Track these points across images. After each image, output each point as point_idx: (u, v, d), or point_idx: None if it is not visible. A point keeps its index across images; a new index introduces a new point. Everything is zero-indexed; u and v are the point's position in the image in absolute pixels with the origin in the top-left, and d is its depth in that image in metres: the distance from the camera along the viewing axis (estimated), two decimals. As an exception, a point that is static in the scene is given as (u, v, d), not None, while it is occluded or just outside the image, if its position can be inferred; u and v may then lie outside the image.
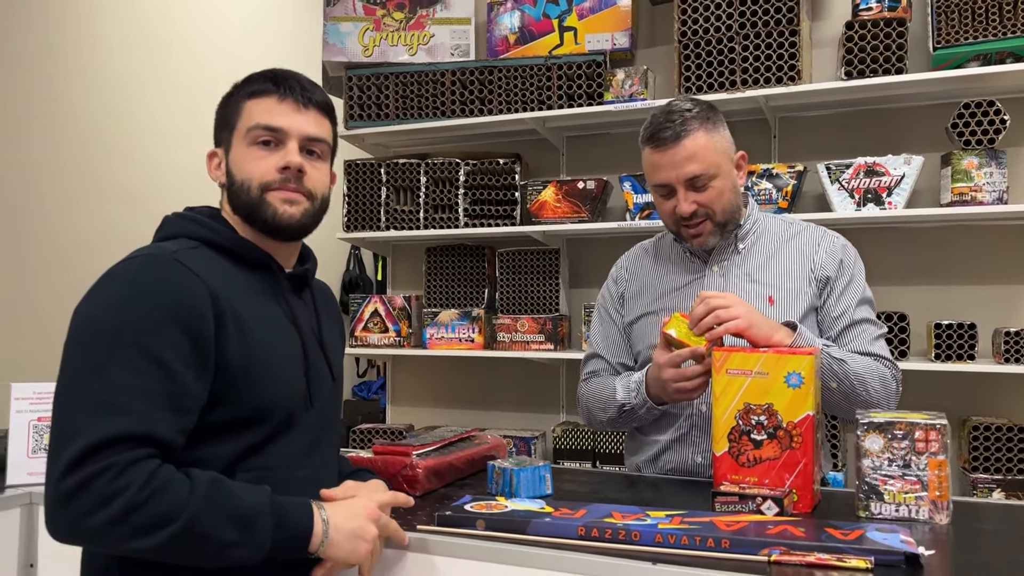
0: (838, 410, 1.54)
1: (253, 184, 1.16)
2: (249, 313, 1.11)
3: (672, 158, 1.56)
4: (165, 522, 0.95)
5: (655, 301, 1.69)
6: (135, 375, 0.99)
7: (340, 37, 3.06)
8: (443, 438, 1.53)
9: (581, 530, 1.13)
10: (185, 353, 1.02)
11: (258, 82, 1.20)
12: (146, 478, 0.96)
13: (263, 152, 1.17)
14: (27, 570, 1.45)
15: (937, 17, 2.37)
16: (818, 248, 1.63)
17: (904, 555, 1.01)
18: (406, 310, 3.03)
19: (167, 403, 1.00)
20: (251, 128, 1.17)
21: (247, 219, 1.18)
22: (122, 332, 1.00)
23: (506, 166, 2.89)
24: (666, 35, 2.84)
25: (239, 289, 1.12)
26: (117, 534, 0.95)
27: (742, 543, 1.06)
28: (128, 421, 0.97)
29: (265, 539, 1.01)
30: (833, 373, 1.48)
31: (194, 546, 0.98)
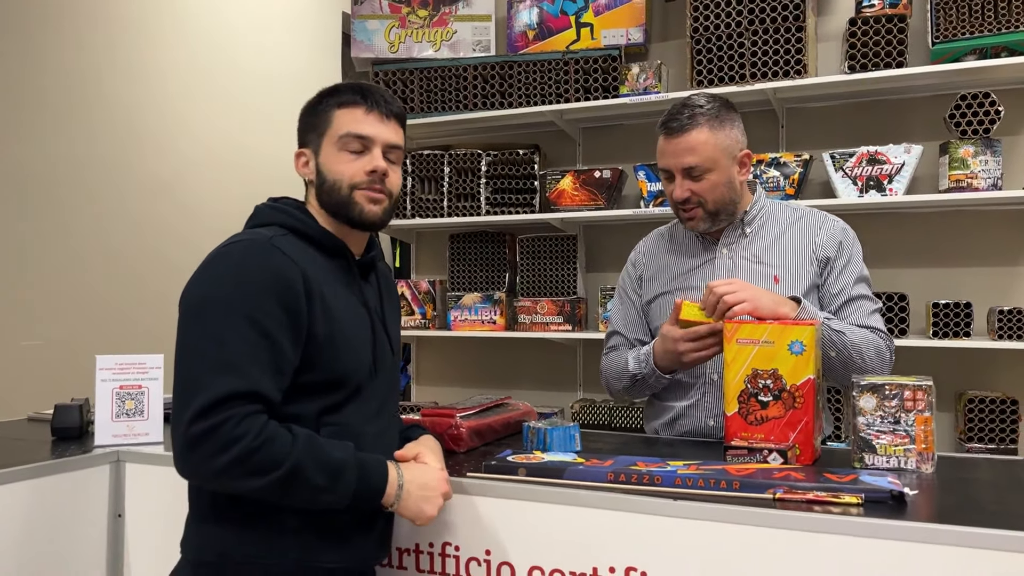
0: (836, 377, 1.70)
1: (343, 184, 1.32)
2: (330, 293, 1.27)
3: (675, 147, 1.74)
4: (274, 467, 1.14)
5: (670, 281, 1.86)
6: (246, 343, 1.17)
7: (367, 34, 3.21)
8: (481, 403, 1.69)
9: (611, 475, 1.29)
10: (283, 324, 1.19)
11: (347, 94, 1.36)
12: (259, 429, 1.14)
13: (352, 157, 1.33)
14: (115, 520, 1.62)
15: (936, 13, 2.50)
16: (819, 231, 1.79)
17: (891, 493, 1.17)
18: (431, 293, 3.20)
19: (271, 367, 1.18)
20: (343, 135, 1.33)
21: (335, 214, 1.35)
22: (233, 306, 1.18)
23: (525, 156, 3.04)
24: (678, 30, 2.98)
25: (322, 272, 1.29)
26: (234, 474, 1.13)
27: (751, 485, 1.23)
28: (244, 380, 1.15)
29: (349, 488, 1.19)
30: (832, 343, 1.64)
31: (293, 489, 1.16)
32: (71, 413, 1.76)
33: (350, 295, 1.33)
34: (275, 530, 1.22)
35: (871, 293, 1.78)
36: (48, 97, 3.13)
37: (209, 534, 1.24)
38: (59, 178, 3.17)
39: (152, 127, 3.57)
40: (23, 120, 3.04)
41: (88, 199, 3.28)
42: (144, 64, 3.54)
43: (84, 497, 1.59)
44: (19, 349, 3.03)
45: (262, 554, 1.22)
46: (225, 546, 1.23)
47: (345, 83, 1.39)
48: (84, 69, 3.27)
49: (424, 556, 1.35)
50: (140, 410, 1.67)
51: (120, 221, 3.41)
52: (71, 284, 3.20)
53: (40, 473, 1.53)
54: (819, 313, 1.65)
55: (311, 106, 1.38)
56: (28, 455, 1.60)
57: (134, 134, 3.49)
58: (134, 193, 3.47)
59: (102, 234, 3.33)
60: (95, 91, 3.32)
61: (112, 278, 3.36)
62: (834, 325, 1.66)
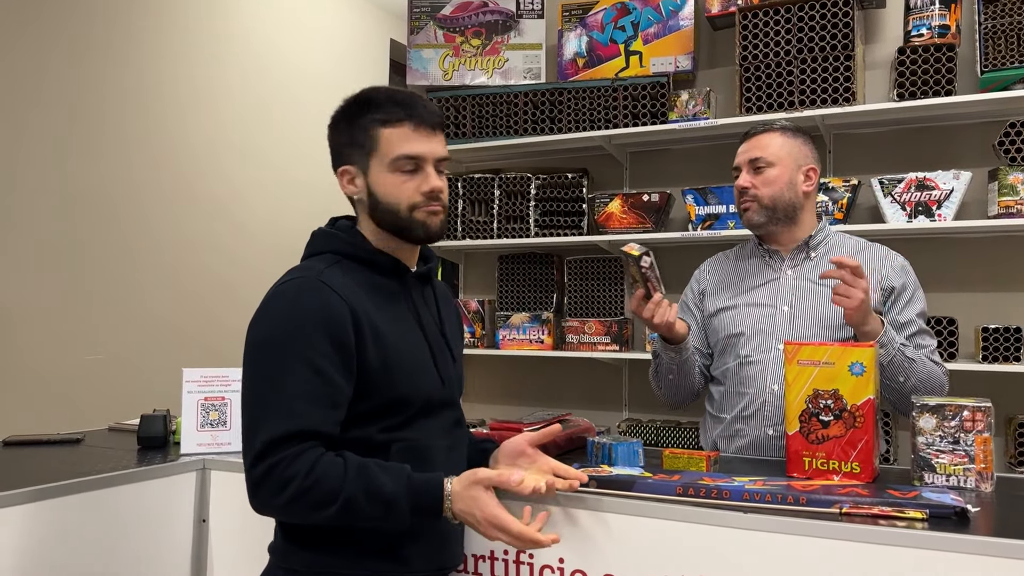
0: (898, 402, 1.78)
1: (402, 207, 1.34)
2: (382, 320, 1.31)
3: (747, 147, 1.96)
4: (329, 502, 1.20)
5: (734, 297, 1.95)
6: (300, 382, 1.22)
7: (423, 62, 3.33)
8: (545, 419, 1.76)
9: (679, 489, 1.35)
10: (335, 360, 1.25)
11: (388, 109, 1.33)
12: (309, 467, 1.20)
13: (406, 177, 1.33)
14: (200, 524, 1.71)
15: (985, 43, 2.55)
16: (884, 261, 1.89)
17: (954, 509, 1.22)
18: (480, 313, 3.28)
19: (325, 402, 1.24)
20: (396, 158, 1.32)
21: (396, 234, 1.38)
22: (287, 347, 1.24)
23: (574, 180, 3.12)
24: (727, 58, 3.05)
25: (373, 297, 1.33)
26: (296, 510, 1.22)
27: (817, 500, 1.28)
28: (297, 420, 1.21)
29: (404, 518, 1.24)
30: (903, 370, 1.72)
31: (353, 517, 1.22)
32: (156, 423, 1.86)
33: (403, 318, 1.37)
34: (354, 543, 1.28)
35: (928, 331, 1.86)
36: (112, 122, 3.27)
37: (297, 546, 1.30)
38: (121, 200, 3.31)
39: (210, 152, 3.72)
40: (87, 144, 3.19)
41: (148, 220, 3.42)
42: (202, 91, 3.69)
43: (171, 502, 1.68)
44: (83, 363, 3.16)
45: (344, 566, 1.28)
46: (309, 557, 1.29)
47: (380, 91, 1.37)
48: (146, 94, 3.42)
49: (499, 563, 1.42)
50: (223, 420, 1.77)
51: (178, 241, 3.55)
52: (128, 301, 3.33)
53: (132, 479, 1.62)
54: (896, 339, 1.70)
55: (348, 118, 1.37)
56: (118, 462, 1.70)
57: (194, 159, 3.64)
58: (193, 214, 3.61)
59: (161, 254, 3.47)
60: (158, 119, 3.47)
61: (170, 296, 3.49)
62: (908, 353, 1.74)
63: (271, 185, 4.01)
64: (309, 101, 4.23)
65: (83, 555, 1.53)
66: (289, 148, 4.11)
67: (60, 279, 3.09)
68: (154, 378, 3.05)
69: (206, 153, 3.69)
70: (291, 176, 4.10)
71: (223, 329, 3.71)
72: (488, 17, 3.29)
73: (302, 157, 4.15)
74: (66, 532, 1.50)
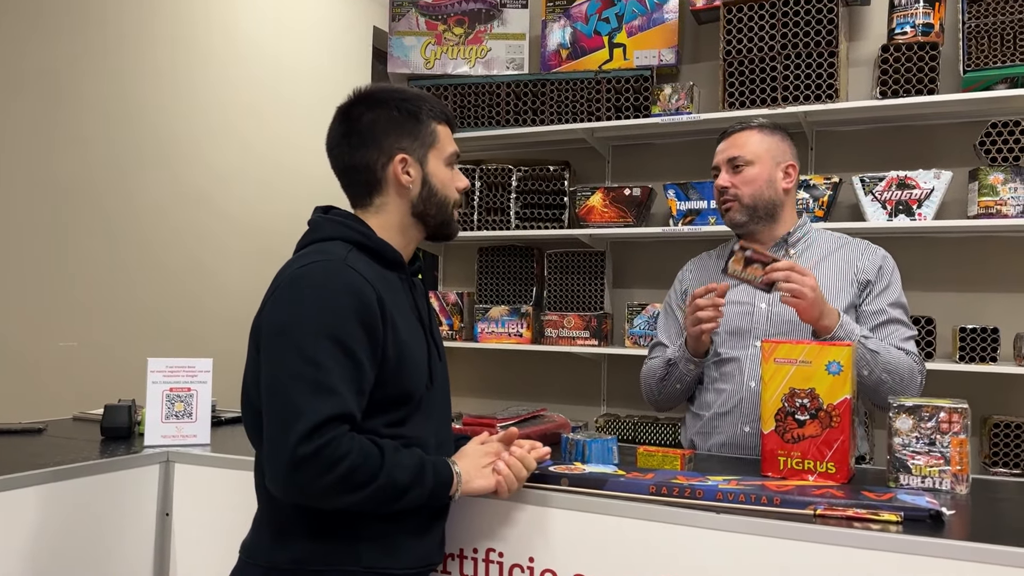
0: (867, 396, 1.76)
1: (451, 201, 1.42)
2: (396, 311, 1.30)
3: (725, 146, 1.94)
4: (372, 479, 1.19)
5: None
6: (337, 364, 1.20)
7: (404, 51, 3.28)
8: (519, 415, 1.73)
9: (652, 488, 1.33)
10: (364, 345, 1.23)
11: (437, 108, 1.41)
12: (359, 446, 1.19)
13: (454, 173, 1.43)
14: (163, 518, 1.67)
15: (968, 42, 2.54)
16: (862, 256, 1.87)
17: (929, 512, 1.20)
18: (459, 305, 3.25)
19: (356, 386, 1.22)
20: (451, 154, 1.42)
21: (435, 227, 1.42)
22: (322, 328, 1.21)
23: (556, 173, 3.09)
24: (711, 52, 3.03)
25: (388, 289, 1.32)
26: (340, 490, 1.18)
27: (791, 501, 1.26)
28: (340, 402, 1.19)
29: (428, 483, 1.24)
30: (866, 362, 1.69)
31: (387, 494, 1.21)
32: (121, 413, 1.82)
33: (408, 311, 1.37)
34: (350, 539, 1.26)
35: (908, 320, 1.83)
36: (90, 105, 3.21)
37: (287, 542, 1.27)
38: (100, 184, 3.25)
39: (192, 138, 3.65)
40: (65, 126, 3.12)
41: (128, 205, 3.36)
42: (185, 77, 3.62)
43: (134, 495, 1.64)
44: (56, 350, 3.10)
45: (338, 561, 1.26)
46: (302, 553, 1.26)
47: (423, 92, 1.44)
48: (128, 80, 3.36)
49: (468, 561, 1.39)
50: (189, 412, 1.72)
51: (159, 227, 3.49)
52: (108, 288, 3.27)
53: (93, 471, 1.58)
54: (857, 329, 1.69)
55: (408, 110, 1.38)
56: (80, 453, 1.66)
57: (175, 144, 3.57)
58: (174, 202, 3.55)
59: (141, 240, 3.40)
60: (138, 102, 3.40)
61: (149, 283, 3.43)
62: (869, 344, 1.71)
63: (254, 173, 3.95)
64: (292, 89, 4.17)
65: (40, 549, 1.49)
66: (272, 136, 4.06)
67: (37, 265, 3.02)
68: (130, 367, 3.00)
69: (189, 140, 3.63)
70: (275, 164, 4.04)
71: (204, 318, 3.65)
72: (471, 6, 3.25)
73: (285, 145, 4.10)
74: (23, 525, 1.46)
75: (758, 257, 1.74)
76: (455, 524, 1.39)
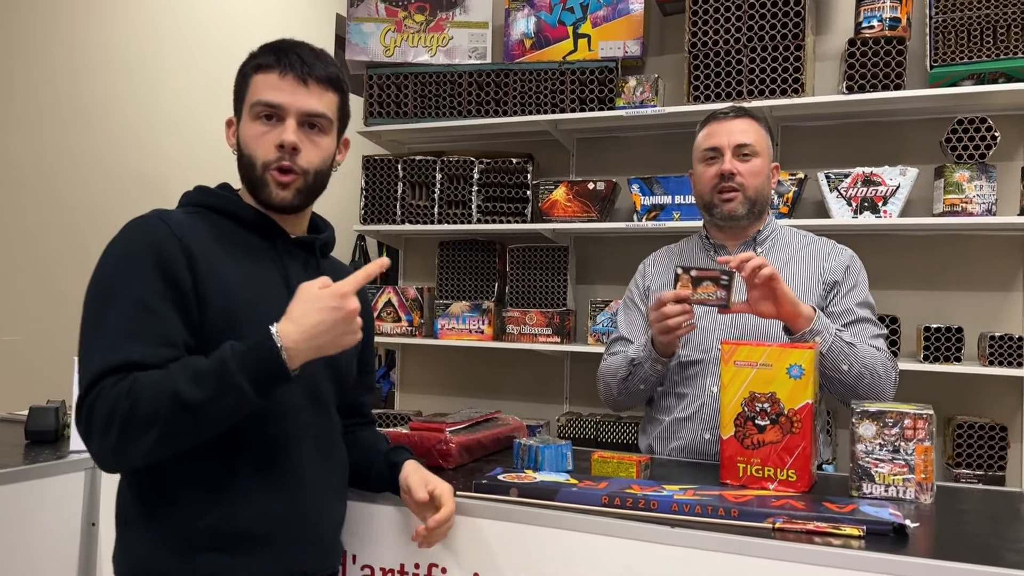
0: (843, 392, 1.66)
1: (257, 163, 1.25)
2: (235, 271, 1.20)
3: (729, 127, 1.81)
4: (158, 409, 1.05)
5: None
6: (122, 318, 1.10)
7: (363, 37, 3.18)
8: (471, 418, 1.66)
9: (604, 499, 1.26)
10: (165, 295, 1.13)
11: (264, 55, 1.27)
12: (127, 388, 1.06)
13: (265, 127, 1.25)
14: (89, 528, 1.57)
15: (935, 37, 2.50)
16: (828, 256, 1.81)
17: (893, 526, 1.14)
18: (419, 301, 3.16)
19: (154, 338, 1.11)
20: (254, 104, 1.25)
21: (250, 191, 1.29)
22: (114, 285, 1.13)
23: (519, 165, 3.01)
24: (676, 45, 2.97)
25: (231, 249, 1.22)
26: (134, 441, 1.06)
27: (749, 513, 1.20)
28: (113, 355, 1.08)
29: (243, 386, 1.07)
30: (845, 356, 1.61)
31: (195, 415, 1.06)
32: (46, 416, 1.71)
33: (265, 277, 1.25)
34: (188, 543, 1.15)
35: (876, 319, 1.77)
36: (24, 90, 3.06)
37: (129, 549, 1.18)
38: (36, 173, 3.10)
39: (138, 126, 3.51)
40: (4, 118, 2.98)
41: (65, 195, 3.21)
42: (130, 61, 3.48)
43: (58, 504, 1.53)
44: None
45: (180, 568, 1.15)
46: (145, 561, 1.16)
47: (270, 43, 1.30)
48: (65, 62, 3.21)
49: (409, 578, 1.31)
50: (119, 415, 1.62)
51: (100, 219, 3.34)
52: (45, 282, 3.13)
53: (13, 479, 1.47)
54: (831, 326, 1.62)
55: (243, 68, 1.30)
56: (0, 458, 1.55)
57: (118, 132, 3.43)
58: (116, 191, 3.41)
59: (79, 232, 3.26)
60: (83, 89, 3.26)
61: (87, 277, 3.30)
62: (846, 338, 1.64)
63: (205, 161, 3.82)
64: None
65: (-49, 563, 1.38)
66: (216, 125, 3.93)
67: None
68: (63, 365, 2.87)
69: (135, 127, 3.49)
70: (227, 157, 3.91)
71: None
72: (433, -8, 3.15)
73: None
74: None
75: (705, 275, 1.62)
76: (395, 538, 1.31)
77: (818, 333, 1.58)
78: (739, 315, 1.76)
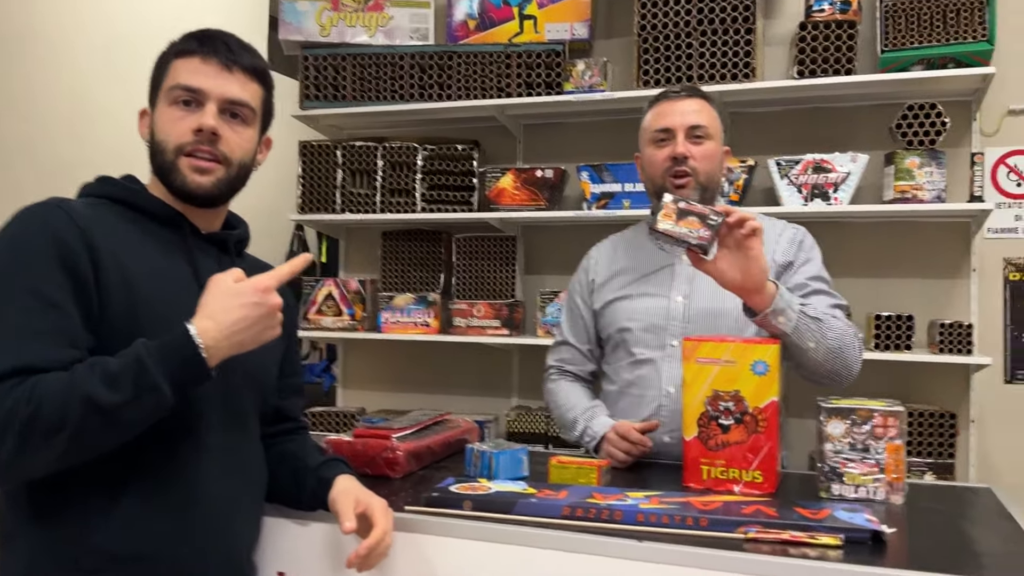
0: (815, 370, 1.55)
1: (169, 146, 1.16)
2: (141, 267, 1.11)
3: (681, 108, 1.72)
4: (64, 414, 0.95)
5: (626, 287, 1.76)
6: (20, 315, 1.01)
7: (297, 16, 3.01)
8: (419, 421, 1.55)
9: (566, 510, 1.17)
10: (66, 288, 1.03)
11: (186, 41, 1.20)
12: (28, 391, 0.96)
13: (182, 113, 1.16)
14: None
15: (885, 21, 2.47)
16: (780, 238, 1.72)
17: (870, 533, 1.08)
18: (361, 294, 3.03)
19: (55, 336, 1.01)
20: (172, 87, 1.17)
21: (162, 181, 1.19)
22: (7, 278, 1.03)
23: (464, 152, 2.90)
24: (625, 27, 2.89)
25: (138, 244, 1.13)
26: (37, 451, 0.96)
27: (719, 522, 1.12)
28: (8, 358, 0.98)
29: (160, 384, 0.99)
30: (812, 332, 1.50)
31: (108, 419, 0.98)
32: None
33: (173, 273, 1.15)
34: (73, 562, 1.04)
35: (832, 292, 1.70)
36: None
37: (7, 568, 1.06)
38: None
39: (59, 109, 3.29)
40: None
41: None
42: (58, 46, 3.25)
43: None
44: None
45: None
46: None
47: (193, 31, 1.22)
48: None
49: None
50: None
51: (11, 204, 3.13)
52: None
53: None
54: (795, 301, 1.52)
55: (158, 57, 1.22)
56: None
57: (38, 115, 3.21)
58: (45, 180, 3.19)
59: None
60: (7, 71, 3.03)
61: None
62: (811, 312, 1.52)
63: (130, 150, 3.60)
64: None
65: None
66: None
67: None
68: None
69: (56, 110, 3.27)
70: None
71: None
72: (371, -30, 3.01)
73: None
74: None
75: (693, 209, 1.43)
76: (331, 562, 1.20)
77: (781, 312, 1.46)
78: (694, 308, 1.68)
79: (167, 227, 1.18)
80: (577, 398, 1.76)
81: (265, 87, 1.25)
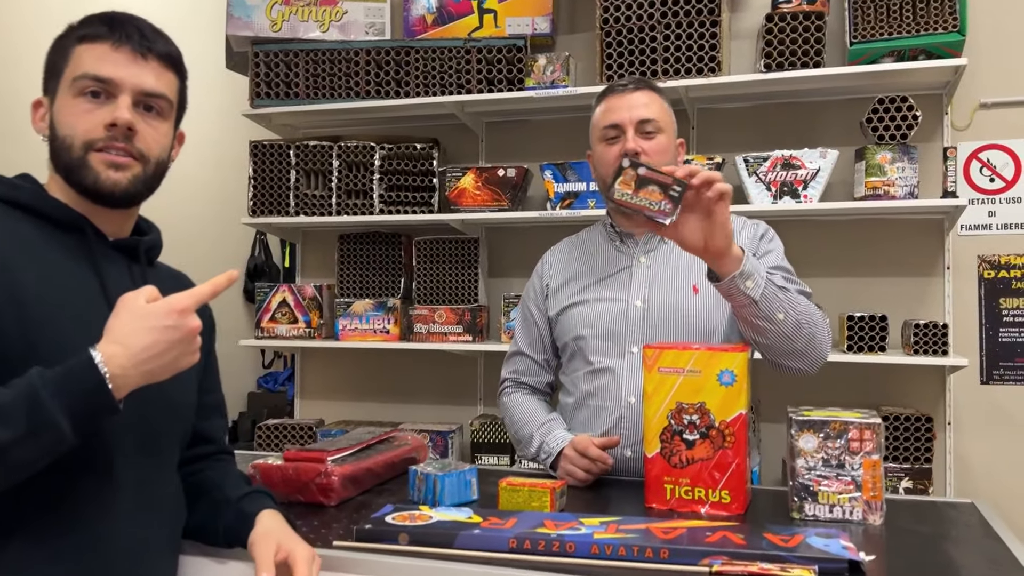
0: (782, 347, 1.44)
1: (76, 142, 1.04)
2: (35, 277, 0.98)
3: (629, 102, 1.61)
4: None
5: (582, 292, 1.65)
6: None
7: (246, 10, 2.88)
8: (360, 440, 1.43)
9: (512, 542, 1.06)
10: None
11: (92, 25, 1.08)
12: None
13: (91, 105, 1.05)
14: None
15: (854, 12, 2.39)
16: (739, 235, 1.61)
17: (847, 562, 0.98)
18: (317, 300, 2.90)
19: None
20: (78, 77, 1.05)
21: (67, 180, 1.06)
22: None
23: (423, 151, 2.78)
24: (587, 22, 2.79)
25: (32, 253, 1.00)
26: None
27: (681, 552, 1.02)
28: None
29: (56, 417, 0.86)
30: (779, 302, 1.39)
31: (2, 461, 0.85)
32: None
33: (86, 282, 1.03)
34: None
35: (797, 280, 1.58)
36: None
37: None
38: None
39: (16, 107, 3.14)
40: None
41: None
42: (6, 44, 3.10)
43: None
44: None
45: None
46: None
47: (97, 13, 1.10)
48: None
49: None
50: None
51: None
52: None
53: None
54: (762, 268, 1.40)
55: (55, 42, 1.10)
56: None
57: None
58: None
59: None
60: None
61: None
62: (777, 281, 1.42)
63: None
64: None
65: None
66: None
67: None
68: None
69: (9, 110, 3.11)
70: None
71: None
72: (324, -38, 2.88)
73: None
74: None
75: (654, 176, 1.31)
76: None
77: (749, 276, 1.35)
78: (654, 311, 1.57)
79: (68, 233, 1.05)
80: (532, 412, 1.65)
81: (181, 77, 1.14)
